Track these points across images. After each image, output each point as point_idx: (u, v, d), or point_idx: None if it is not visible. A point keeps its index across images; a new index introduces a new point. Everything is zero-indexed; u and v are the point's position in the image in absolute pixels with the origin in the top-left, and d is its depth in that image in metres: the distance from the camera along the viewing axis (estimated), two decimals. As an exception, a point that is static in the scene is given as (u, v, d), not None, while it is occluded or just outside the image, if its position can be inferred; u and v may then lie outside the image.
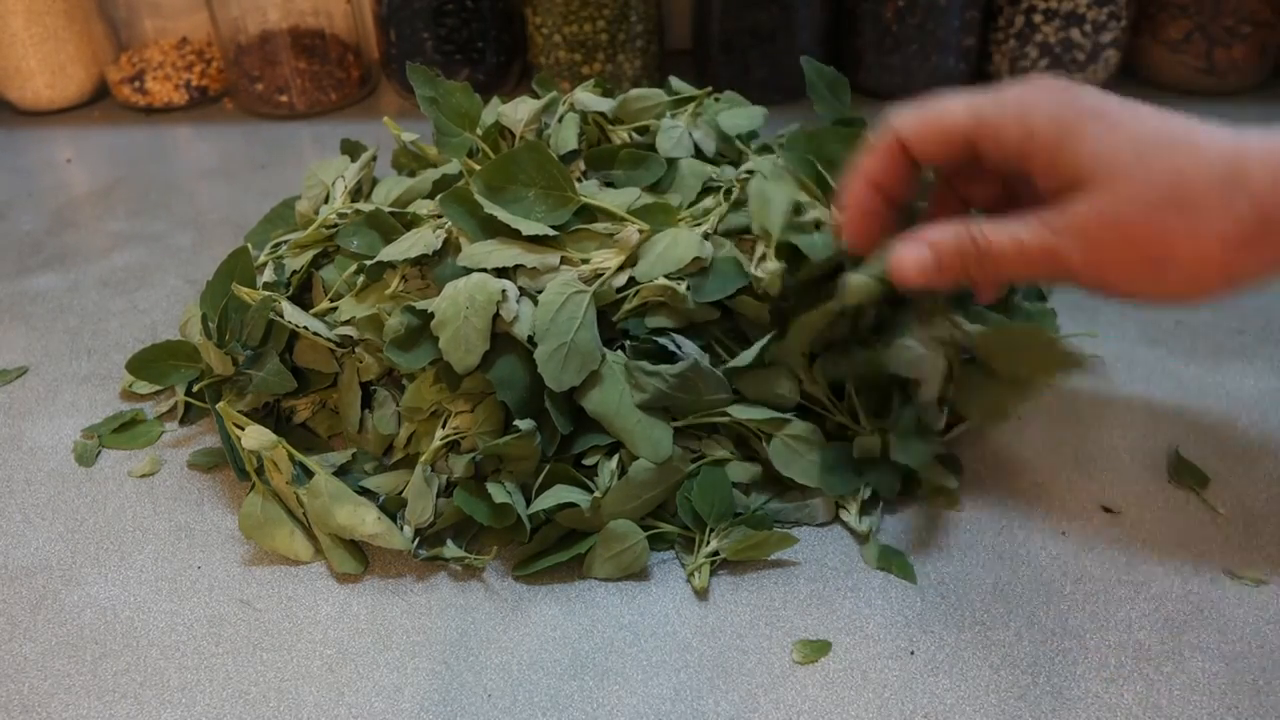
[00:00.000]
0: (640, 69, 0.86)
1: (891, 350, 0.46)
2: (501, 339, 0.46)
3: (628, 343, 0.48)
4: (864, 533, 0.46)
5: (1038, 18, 0.82)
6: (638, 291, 0.47)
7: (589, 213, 0.49)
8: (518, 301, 0.46)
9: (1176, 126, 0.37)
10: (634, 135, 0.57)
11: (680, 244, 0.47)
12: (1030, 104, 0.39)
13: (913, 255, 0.41)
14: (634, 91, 0.57)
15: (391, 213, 0.55)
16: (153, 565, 0.47)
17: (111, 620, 0.44)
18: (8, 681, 0.42)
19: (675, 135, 0.55)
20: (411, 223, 0.53)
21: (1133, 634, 0.42)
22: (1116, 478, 0.49)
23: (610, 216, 0.49)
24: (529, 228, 0.47)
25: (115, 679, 0.42)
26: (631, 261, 0.48)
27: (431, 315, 0.46)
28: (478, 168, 0.50)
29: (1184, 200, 0.36)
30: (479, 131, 0.55)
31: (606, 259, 0.48)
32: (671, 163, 0.54)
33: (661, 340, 0.47)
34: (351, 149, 0.62)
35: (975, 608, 0.43)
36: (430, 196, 0.56)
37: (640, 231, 0.48)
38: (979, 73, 0.87)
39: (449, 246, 0.50)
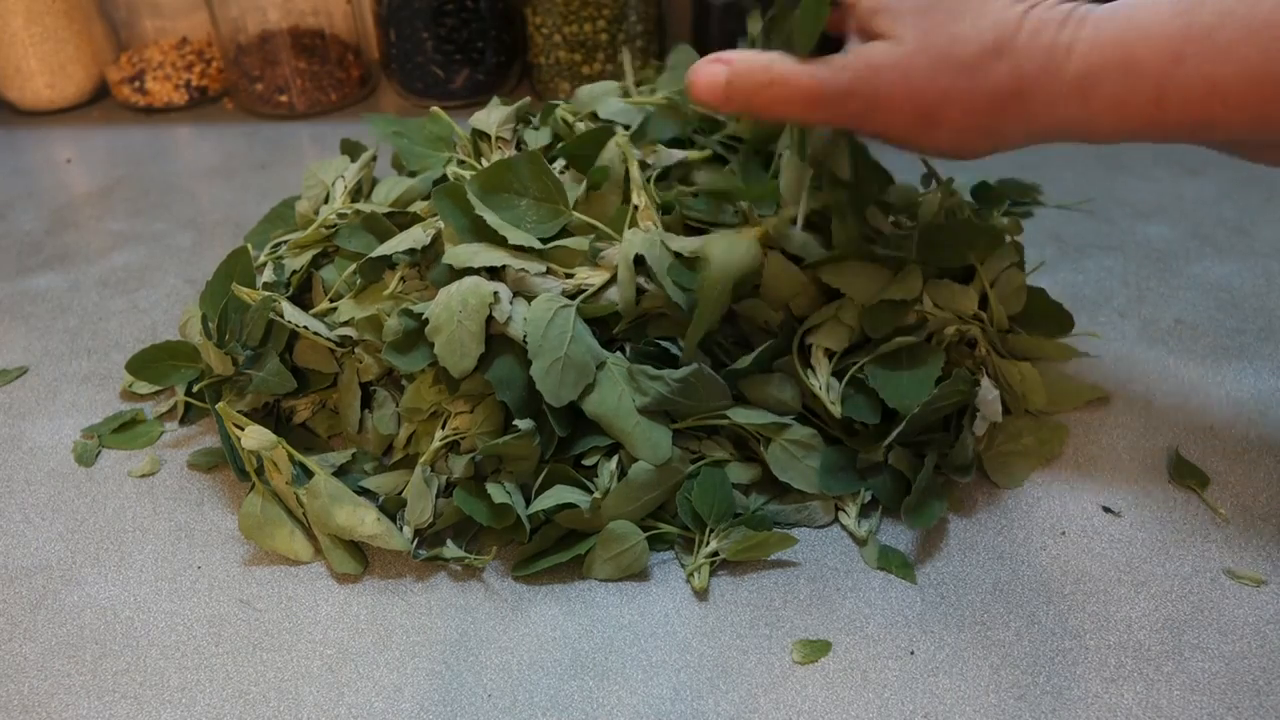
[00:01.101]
0: (640, 69, 0.86)
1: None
2: (497, 340, 0.46)
3: (628, 345, 0.48)
4: (863, 536, 0.46)
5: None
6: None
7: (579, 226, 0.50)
8: (510, 303, 0.46)
9: (960, 4, 0.40)
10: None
11: (629, 251, 0.48)
12: None
13: (706, 71, 0.43)
14: (584, 87, 0.58)
15: (390, 213, 0.55)
16: (153, 565, 0.47)
17: (111, 620, 0.44)
18: (8, 681, 0.42)
19: (614, 107, 0.56)
20: (410, 224, 0.53)
21: (1133, 634, 0.42)
22: (1116, 478, 0.49)
23: (599, 233, 0.49)
24: (516, 236, 0.47)
25: (115, 679, 0.42)
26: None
27: (428, 319, 0.46)
28: (468, 174, 0.50)
29: (958, 62, 0.39)
30: (456, 143, 0.56)
31: (590, 276, 0.48)
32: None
33: (664, 343, 0.47)
34: (351, 149, 0.62)
35: (975, 608, 0.43)
36: (429, 197, 0.56)
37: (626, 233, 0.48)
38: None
39: (439, 245, 0.50)
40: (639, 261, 0.47)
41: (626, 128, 0.54)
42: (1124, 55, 0.37)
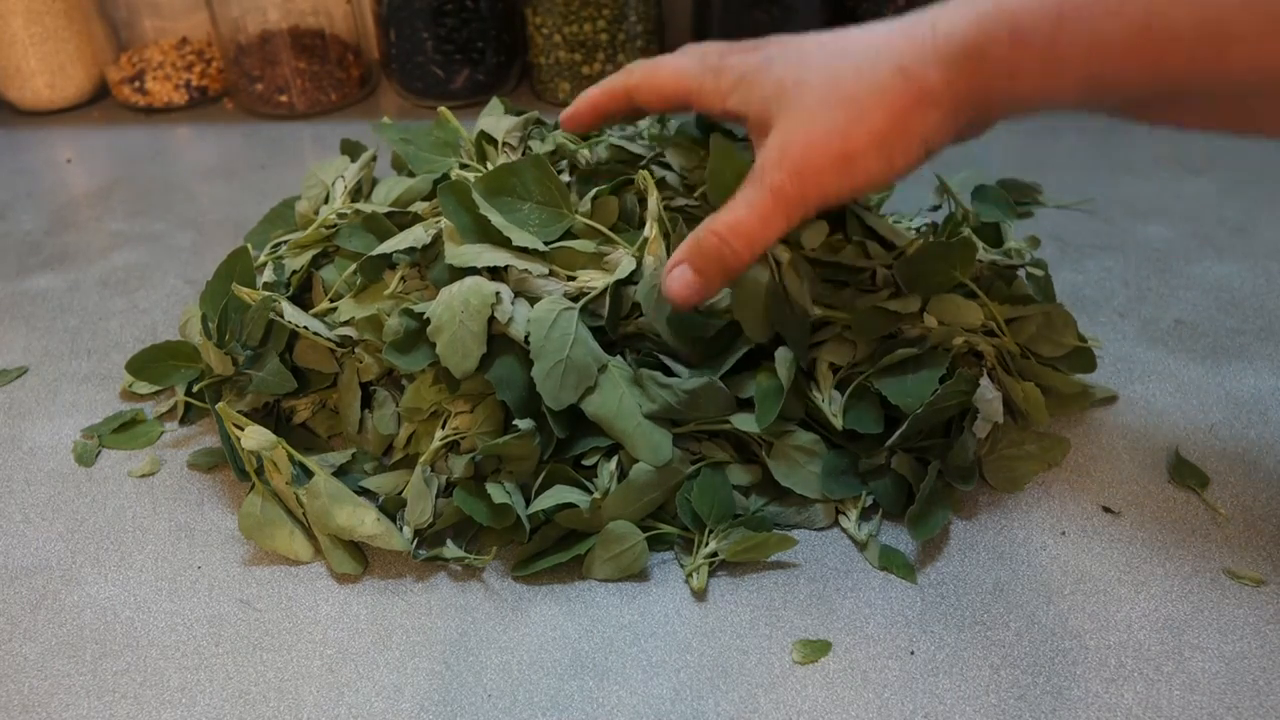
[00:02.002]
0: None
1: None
2: (498, 339, 0.46)
3: (628, 350, 0.48)
4: (863, 540, 0.46)
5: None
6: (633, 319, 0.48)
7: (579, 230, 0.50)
8: (512, 303, 0.46)
9: (836, 39, 0.42)
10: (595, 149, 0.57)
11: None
12: (726, 61, 0.44)
13: (677, 282, 0.44)
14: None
15: (390, 213, 0.55)
16: (153, 565, 0.47)
17: (111, 620, 0.44)
18: (8, 681, 0.42)
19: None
20: (410, 224, 0.53)
21: (1133, 634, 0.42)
22: (1116, 478, 0.49)
23: (603, 237, 0.49)
24: (520, 237, 0.47)
25: (115, 679, 0.42)
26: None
27: (429, 319, 0.46)
28: (473, 177, 0.50)
29: (843, 97, 0.40)
30: (462, 146, 0.56)
31: (594, 279, 0.48)
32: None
33: (667, 361, 0.47)
34: (351, 149, 0.62)
35: (975, 608, 0.43)
36: (430, 197, 0.56)
37: (633, 256, 0.48)
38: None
39: (439, 244, 0.50)
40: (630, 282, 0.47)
41: (640, 157, 0.54)
42: (1009, 22, 0.37)
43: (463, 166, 0.56)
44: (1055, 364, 0.52)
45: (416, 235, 0.50)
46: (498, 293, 0.46)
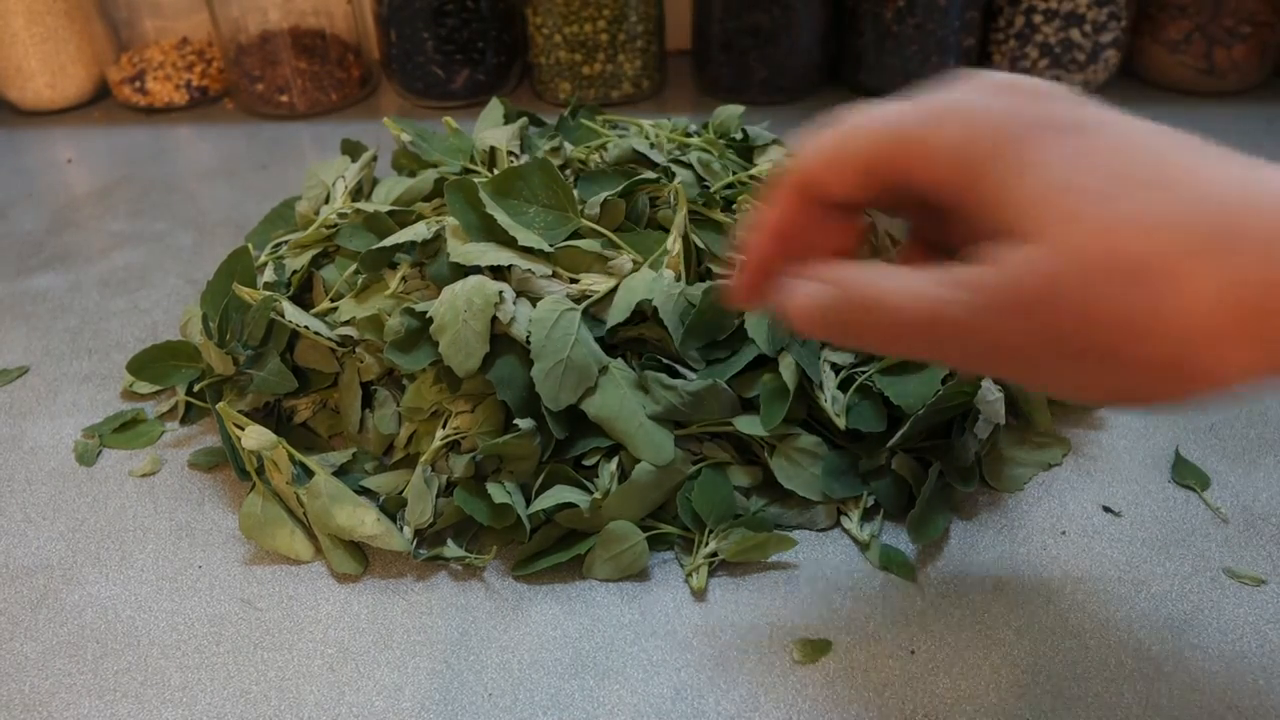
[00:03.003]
0: (640, 69, 0.86)
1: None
2: (501, 339, 0.46)
3: (629, 353, 0.48)
4: (865, 541, 0.46)
5: (1038, 18, 0.82)
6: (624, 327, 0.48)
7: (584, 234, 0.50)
8: (514, 303, 0.46)
9: (1176, 154, 0.25)
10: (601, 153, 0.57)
11: (634, 290, 0.47)
12: (970, 112, 0.27)
13: (806, 308, 0.30)
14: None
15: (391, 213, 0.55)
16: (153, 565, 0.47)
17: (112, 620, 0.44)
18: (8, 681, 0.42)
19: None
20: (411, 224, 0.53)
21: (1133, 634, 0.42)
22: (1116, 478, 0.49)
23: (608, 240, 0.49)
24: (526, 238, 0.48)
25: (116, 678, 0.42)
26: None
27: (431, 318, 0.46)
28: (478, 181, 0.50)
29: (1150, 266, 0.24)
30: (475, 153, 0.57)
31: (597, 282, 0.48)
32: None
33: (670, 364, 0.47)
34: (352, 149, 0.62)
35: (975, 608, 0.43)
36: (430, 197, 0.56)
37: (634, 262, 0.48)
38: (979, 73, 0.86)
39: (441, 241, 0.50)
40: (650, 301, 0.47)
41: (656, 165, 0.55)
42: None
43: (468, 171, 0.56)
44: None
45: (418, 231, 0.50)
46: (500, 292, 0.46)
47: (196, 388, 0.54)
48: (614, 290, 0.48)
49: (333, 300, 0.53)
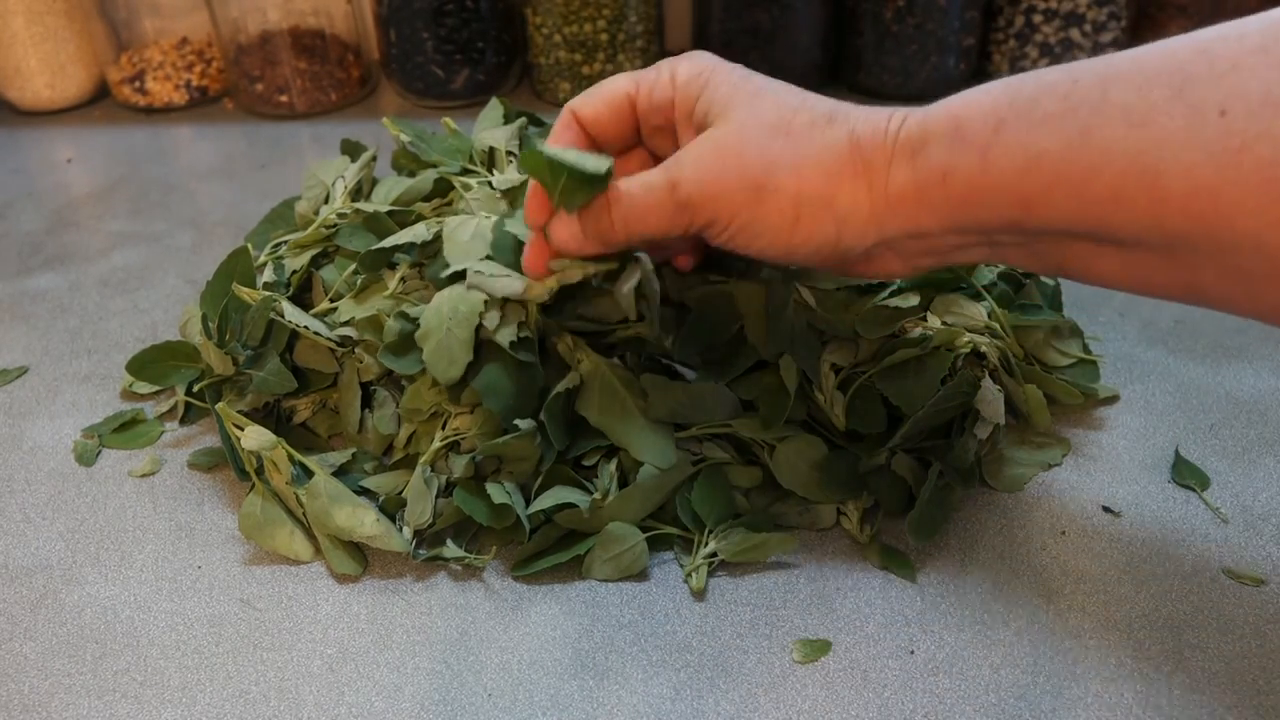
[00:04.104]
0: (640, 69, 0.86)
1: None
2: (487, 346, 0.46)
3: (628, 354, 0.48)
4: (865, 540, 0.46)
5: (1038, 18, 0.82)
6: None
7: None
8: (501, 310, 0.46)
9: (797, 92, 0.40)
10: None
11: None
12: (677, 63, 0.42)
13: (563, 226, 0.42)
14: None
15: (391, 213, 0.55)
16: (153, 565, 0.47)
17: (112, 620, 0.44)
18: (8, 681, 0.42)
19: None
20: (411, 224, 0.53)
21: (1133, 634, 0.42)
22: (1116, 478, 0.49)
23: None
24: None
25: (115, 678, 0.42)
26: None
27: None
28: (475, 183, 0.50)
29: (786, 129, 0.38)
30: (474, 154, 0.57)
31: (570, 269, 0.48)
32: None
33: (668, 364, 0.47)
34: (351, 149, 0.62)
35: (975, 608, 0.43)
36: (430, 198, 0.56)
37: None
38: (979, 73, 0.87)
39: (440, 241, 0.50)
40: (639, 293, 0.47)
41: None
42: (952, 122, 0.36)
43: (467, 172, 0.56)
44: (1059, 375, 0.52)
45: (417, 231, 0.50)
46: (486, 299, 0.46)
47: (196, 388, 0.54)
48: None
49: (332, 300, 0.53)
